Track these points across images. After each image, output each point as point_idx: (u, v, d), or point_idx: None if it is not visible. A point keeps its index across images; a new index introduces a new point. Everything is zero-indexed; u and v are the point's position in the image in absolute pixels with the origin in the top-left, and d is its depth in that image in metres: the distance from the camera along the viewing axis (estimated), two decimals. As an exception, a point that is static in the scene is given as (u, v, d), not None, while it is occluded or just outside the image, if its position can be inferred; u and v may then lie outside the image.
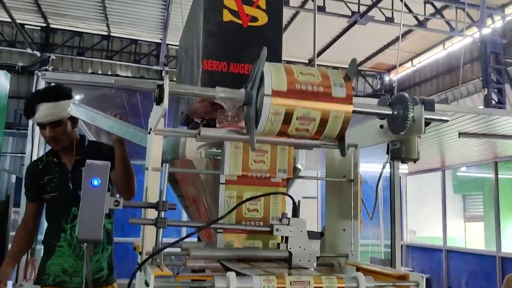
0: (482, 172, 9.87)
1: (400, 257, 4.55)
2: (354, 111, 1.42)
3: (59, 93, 2.50)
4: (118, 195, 2.48)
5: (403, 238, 10.07)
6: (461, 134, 5.23)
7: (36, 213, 2.63)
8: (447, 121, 1.55)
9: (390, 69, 14.58)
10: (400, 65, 13.06)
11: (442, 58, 12.84)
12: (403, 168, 9.53)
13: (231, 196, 1.62)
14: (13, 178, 7.24)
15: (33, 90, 3.41)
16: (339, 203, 1.90)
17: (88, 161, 1.29)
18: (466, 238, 10.98)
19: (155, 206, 1.44)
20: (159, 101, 1.29)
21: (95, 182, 1.28)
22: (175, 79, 2.43)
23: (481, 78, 10.15)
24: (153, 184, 1.56)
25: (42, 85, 3.38)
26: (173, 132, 1.68)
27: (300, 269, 1.49)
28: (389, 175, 4.11)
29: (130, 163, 2.42)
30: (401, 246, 8.79)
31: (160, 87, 1.28)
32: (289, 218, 1.54)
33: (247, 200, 1.59)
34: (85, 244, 1.34)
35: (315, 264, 1.52)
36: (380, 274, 1.51)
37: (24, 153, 3.48)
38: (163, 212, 1.43)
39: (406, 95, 1.48)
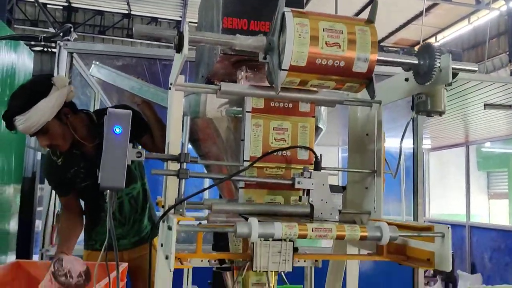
0: (507, 148, 9.67)
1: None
2: (379, 60, 1.40)
3: (30, 97, 2.12)
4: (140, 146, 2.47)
5: (425, 214, 9.97)
6: (486, 106, 5.10)
7: (75, 202, 2.50)
8: (475, 71, 1.50)
9: (414, 44, 14.26)
10: (423, 40, 12.75)
11: (467, 33, 12.49)
12: (425, 143, 9.39)
13: (258, 125, 1.61)
14: (38, 155, 7.40)
15: (56, 62, 3.45)
16: (361, 162, 1.87)
17: (109, 109, 1.30)
18: (490, 216, 10.83)
19: (177, 158, 1.45)
20: (179, 48, 1.28)
21: (117, 130, 1.29)
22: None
23: (507, 52, 9.86)
24: (175, 138, 1.55)
25: (64, 55, 3.40)
26: (193, 88, 1.66)
27: (322, 222, 1.48)
28: (412, 150, 4.05)
29: (163, 122, 2.30)
30: (424, 222, 8.70)
31: (180, 34, 1.27)
32: (311, 172, 1.53)
33: (268, 154, 1.58)
34: (108, 191, 1.35)
35: (337, 218, 1.51)
36: (404, 226, 1.48)
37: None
38: (185, 164, 1.43)
39: (433, 43, 1.43)
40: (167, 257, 1.24)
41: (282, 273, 2.32)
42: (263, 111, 1.65)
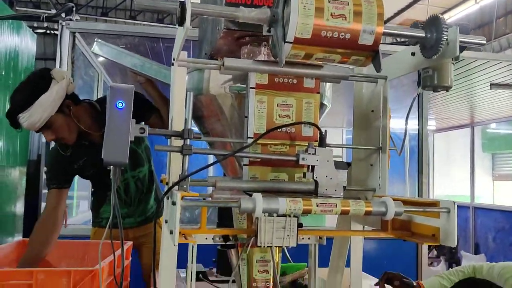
0: (512, 129, 9.62)
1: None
2: (386, 33, 1.37)
3: (31, 93, 2.11)
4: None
5: (429, 195, 9.96)
6: (492, 85, 5.05)
7: (64, 199, 2.42)
8: (484, 44, 1.47)
9: (419, 25, 14.08)
10: (429, 20, 12.56)
11: (474, 13, 12.32)
12: (430, 125, 9.34)
13: (261, 101, 1.59)
14: (43, 138, 7.43)
15: (58, 42, 3.43)
16: (366, 139, 1.86)
17: (112, 84, 1.28)
18: (495, 198, 10.81)
19: (180, 134, 1.43)
20: (182, 21, 1.26)
21: (120, 105, 1.27)
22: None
23: (515, 32, 9.74)
24: (178, 115, 1.54)
25: (66, 35, 3.38)
26: (196, 63, 1.65)
27: (326, 198, 1.47)
28: (417, 131, 4.02)
29: (168, 99, 2.32)
30: (427, 203, 8.66)
31: (183, 6, 1.25)
32: (315, 148, 1.51)
33: (272, 130, 1.57)
34: (111, 167, 1.34)
35: (341, 194, 1.50)
36: (409, 202, 1.47)
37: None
38: (188, 140, 1.42)
39: (441, 16, 1.40)
40: (171, 232, 1.24)
41: (286, 251, 2.33)
42: (267, 87, 1.62)
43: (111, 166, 1.34)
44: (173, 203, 1.22)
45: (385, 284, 2.23)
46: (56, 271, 1.85)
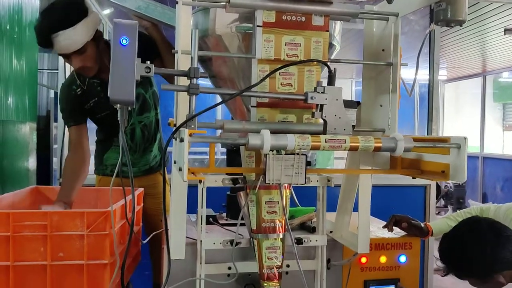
0: (525, 78, 9.43)
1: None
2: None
3: (74, 13, 2.10)
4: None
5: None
6: (507, 31, 4.91)
7: (85, 134, 2.42)
8: (500, -26, 1.40)
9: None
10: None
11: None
12: (441, 74, 9.20)
13: (269, 40, 1.56)
14: (52, 93, 7.43)
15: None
16: (376, 79, 1.82)
17: (115, 20, 1.25)
18: (504, 148, 10.77)
19: (187, 73, 1.41)
20: (185, -48, 1.21)
21: (124, 41, 1.25)
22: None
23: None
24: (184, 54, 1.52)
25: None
26: (201, 1, 1.60)
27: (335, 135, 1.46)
28: (427, 82, 3.95)
29: (172, 44, 2.28)
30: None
31: None
32: (324, 87, 1.49)
33: (280, 69, 1.54)
34: (118, 105, 1.33)
35: (350, 133, 1.49)
36: (419, 139, 1.46)
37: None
38: (195, 79, 1.40)
39: None
40: (180, 169, 1.24)
41: (294, 195, 2.35)
42: (274, 25, 1.59)
43: (118, 106, 1.32)
44: (181, 140, 1.22)
45: (393, 227, 2.25)
46: (70, 212, 1.88)
